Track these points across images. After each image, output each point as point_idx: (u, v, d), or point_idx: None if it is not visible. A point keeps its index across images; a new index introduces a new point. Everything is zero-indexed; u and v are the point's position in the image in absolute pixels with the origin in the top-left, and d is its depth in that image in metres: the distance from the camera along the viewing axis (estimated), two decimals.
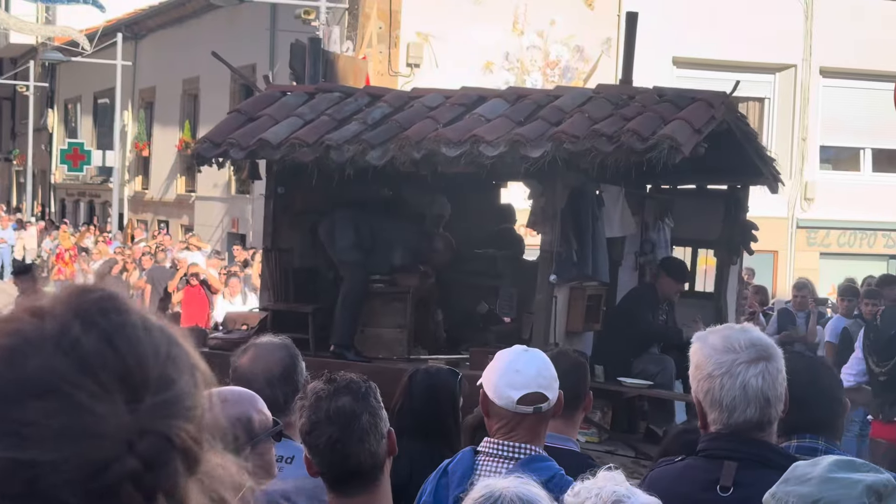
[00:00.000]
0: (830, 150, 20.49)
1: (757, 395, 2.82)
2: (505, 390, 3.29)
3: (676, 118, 8.03)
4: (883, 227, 17.83)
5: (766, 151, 9.43)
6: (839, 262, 18.64)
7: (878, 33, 18.76)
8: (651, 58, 16.77)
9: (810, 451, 3.15)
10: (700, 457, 2.92)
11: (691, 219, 9.70)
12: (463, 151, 8.19)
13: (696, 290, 10.20)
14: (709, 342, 2.89)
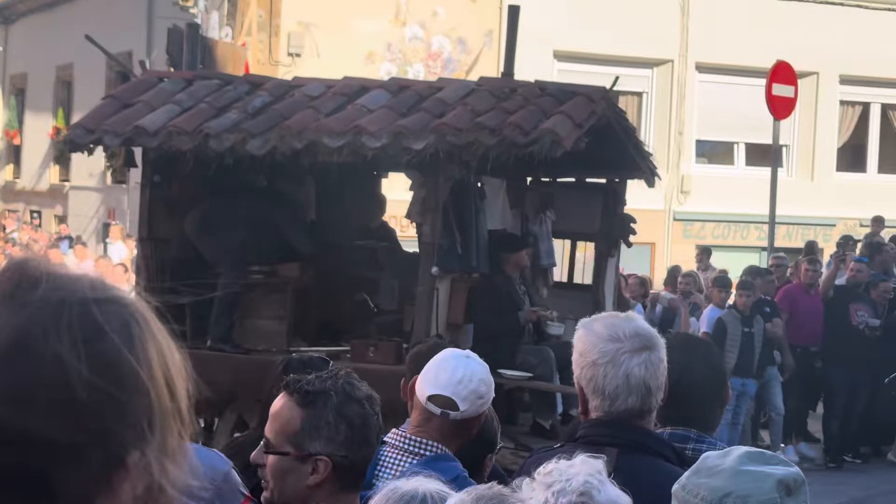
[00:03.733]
0: (706, 144, 20.94)
1: (639, 384, 2.84)
2: (424, 383, 3.29)
3: (558, 112, 8.09)
4: (756, 219, 18.20)
5: (643, 146, 9.57)
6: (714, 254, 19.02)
7: (752, 30, 19.21)
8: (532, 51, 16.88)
9: (682, 438, 3.19)
10: (580, 443, 2.92)
11: (571, 211, 9.80)
12: (345, 142, 8.13)
13: (574, 281, 10.32)
14: (594, 330, 2.90)
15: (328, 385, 2.66)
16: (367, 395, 2.70)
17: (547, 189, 9.91)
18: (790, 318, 11.95)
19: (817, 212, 19.69)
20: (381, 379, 7.42)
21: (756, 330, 11.28)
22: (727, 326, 11.20)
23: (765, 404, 11.88)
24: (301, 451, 2.63)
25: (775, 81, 13.95)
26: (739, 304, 11.32)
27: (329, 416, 2.62)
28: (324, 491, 2.63)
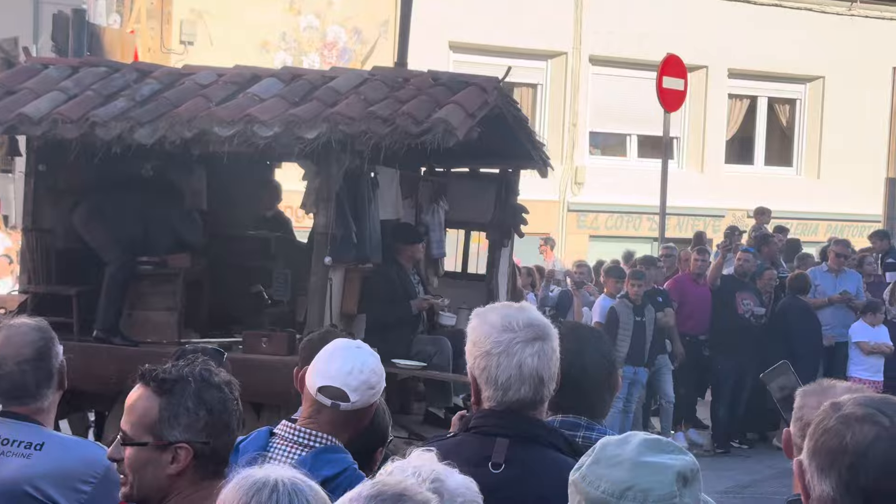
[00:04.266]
0: (599, 136, 21.20)
1: (532, 374, 2.84)
2: (314, 375, 3.25)
3: (451, 102, 8.11)
4: (648, 210, 18.50)
5: (536, 136, 9.65)
6: (607, 244, 19.29)
7: (644, 24, 19.50)
8: (428, 42, 16.90)
9: (573, 426, 3.21)
10: (473, 433, 2.92)
11: (465, 202, 9.83)
12: (236, 131, 8.04)
13: (468, 272, 10.36)
14: (488, 320, 2.89)
15: (185, 372, 2.62)
16: (226, 381, 2.67)
17: (440, 179, 9.93)
18: (680, 307, 12.15)
19: (707, 203, 20.10)
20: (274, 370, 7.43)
21: (647, 319, 11.44)
22: (619, 316, 11.35)
23: (656, 392, 12.07)
24: (160, 440, 2.58)
25: (666, 75, 14.19)
26: (631, 294, 11.48)
27: (188, 402, 2.58)
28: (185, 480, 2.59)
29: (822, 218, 20.99)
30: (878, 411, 2.14)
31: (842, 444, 2.12)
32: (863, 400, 2.18)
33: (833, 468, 2.12)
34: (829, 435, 2.14)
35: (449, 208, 9.96)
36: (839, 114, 21.47)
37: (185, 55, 16.30)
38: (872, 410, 2.14)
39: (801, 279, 12.36)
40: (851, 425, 2.12)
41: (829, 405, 2.21)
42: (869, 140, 20.41)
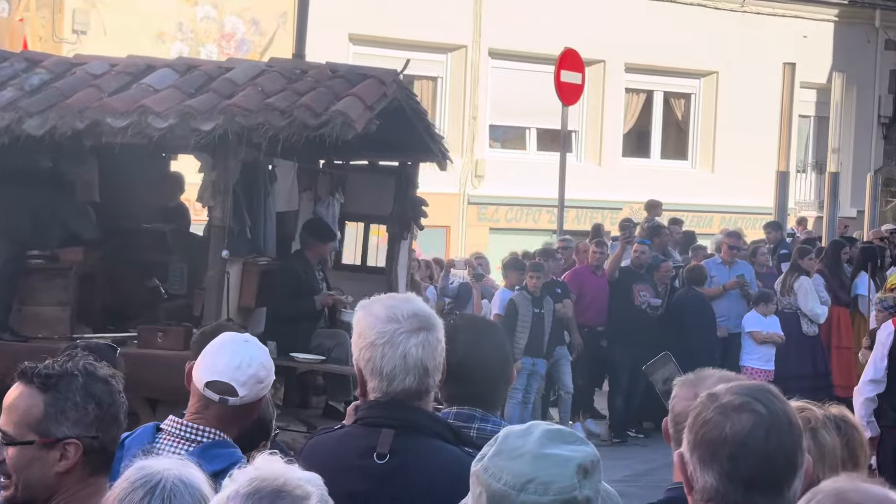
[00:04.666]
0: (499, 129, 21.30)
1: (416, 364, 2.85)
2: (201, 370, 3.21)
3: (349, 94, 8.08)
4: (547, 203, 18.63)
5: (434, 129, 9.67)
6: (507, 237, 19.40)
7: (543, 18, 19.63)
8: (328, 34, 16.79)
9: (468, 417, 3.22)
10: (358, 424, 2.92)
11: (364, 194, 9.82)
12: (130, 122, 7.90)
13: (367, 264, 10.34)
14: (373, 311, 2.90)
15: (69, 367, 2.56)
16: (110, 374, 2.63)
17: (339, 172, 9.89)
18: (578, 298, 12.28)
19: (605, 195, 20.32)
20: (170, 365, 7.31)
21: (546, 311, 11.54)
22: (518, 308, 11.42)
23: (555, 383, 12.19)
24: (47, 438, 2.52)
25: (563, 69, 14.31)
26: (530, 286, 11.56)
27: (76, 396, 2.53)
28: (73, 477, 2.54)
29: (716, 210, 21.39)
30: (753, 399, 2.19)
31: (721, 434, 2.15)
32: (738, 389, 2.22)
33: (715, 459, 2.15)
34: (708, 426, 2.17)
35: (348, 201, 9.93)
36: (733, 108, 21.90)
37: (78, 45, 15.94)
38: (748, 399, 2.18)
39: (697, 271, 12.57)
40: (729, 416, 2.16)
41: (706, 396, 2.25)
42: (761, 134, 20.82)
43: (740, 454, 2.14)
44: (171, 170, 10.13)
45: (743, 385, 2.26)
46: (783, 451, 2.16)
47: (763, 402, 2.18)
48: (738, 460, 2.14)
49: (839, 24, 23.23)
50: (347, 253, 10.39)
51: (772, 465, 2.15)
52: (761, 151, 20.35)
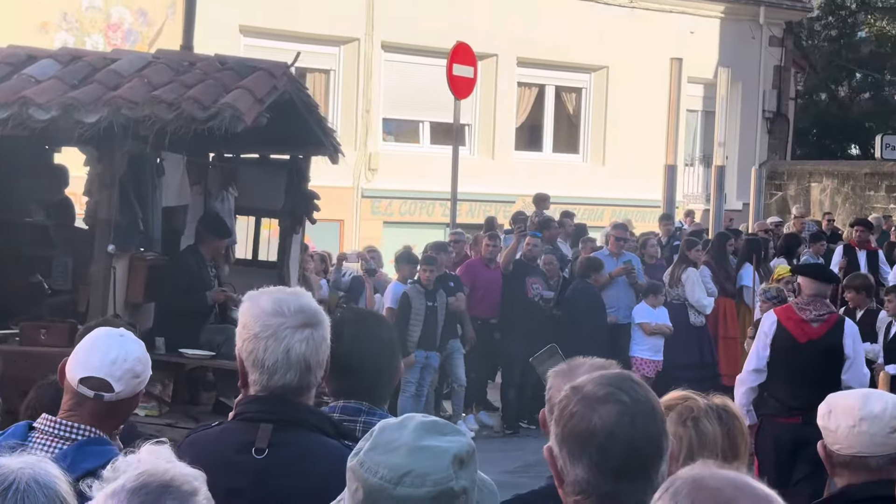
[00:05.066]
0: (392, 122, 21.28)
1: (299, 360, 2.83)
2: (75, 366, 3.14)
3: (238, 87, 7.99)
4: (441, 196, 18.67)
5: (326, 122, 9.61)
6: (401, 231, 19.40)
7: (435, 11, 19.66)
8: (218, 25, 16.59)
9: (354, 411, 3.22)
10: (237, 420, 2.90)
11: (255, 188, 9.72)
12: (10, 114, 7.70)
13: (259, 259, 10.25)
14: (259, 303, 2.88)
15: None
16: None
17: (230, 165, 9.77)
18: (471, 291, 12.34)
19: (498, 189, 20.45)
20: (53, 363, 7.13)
21: (439, 304, 11.57)
22: (411, 301, 11.44)
23: (448, 376, 12.23)
24: None
25: (455, 62, 14.34)
26: (423, 279, 11.58)
27: None
28: None
29: (606, 203, 21.68)
30: (617, 389, 2.21)
31: (589, 427, 2.17)
32: (601, 380, 2.24)
33: (584, 452, 2.17)
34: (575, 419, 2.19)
35: (239, 195, 9.82)
36: (623, 103, 22.21)
37: None
38: (612, 389, 2.21)
39: (590, 262, 12.70)
40: (595, 407, 2.18)
41: (570, 389, 2.26)
42: (650, 128, 21.17)
43: (609, 445, 2.16)
44: (55, 163, 9.90)
45: (605, 375, 2.28)
46: (649, 439, 2.18)
47: (626, 391, 2.20)
48: (607, 451, 2.16)
49: (725, 20, 23.73)
50: (238, 247, 10.28)
51: (639, 453, 2.17)
52: (650, 145, 20.70)
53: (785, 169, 25.21)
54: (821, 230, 16.51)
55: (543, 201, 16.50)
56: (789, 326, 7.54)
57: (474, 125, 21.43)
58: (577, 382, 2.26)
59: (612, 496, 2.17)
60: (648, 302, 12.27)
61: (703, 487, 1.77)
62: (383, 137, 20.91)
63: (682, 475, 1.82)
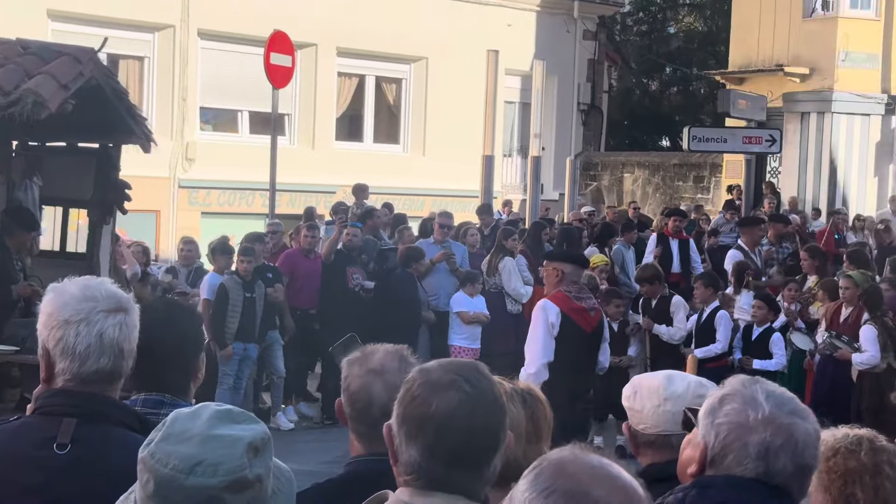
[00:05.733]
0: (210, 111, 20.92)
1: (112, 345, 2.77)
2: None
3: (41, 72, 7.72)
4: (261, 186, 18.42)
5: (137, 110, 9.38)
6: (220, 221, 19.08)
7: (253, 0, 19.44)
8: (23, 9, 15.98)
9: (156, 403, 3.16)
10: (37, 414, 2.80)
11: (62, 177, 9.41)
12: None
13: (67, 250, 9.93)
14: (67, 291, 2.80)
15: None
16: None
17: (34, 153, 9.43)
18: (290, 281, 12.25)
19: (318, 179, 20.36)
20: None
21: (258, 295, 11.44)
22: (229, 292, 11.28)
23: (267, 367, 12.10)
24: None
25: (273, 51, 14.19)
26: (241, 270, 11.43)
27: None
28: None
29: (427, 194, 21.84)
30: (461, 378, 2.24)
31: (428, 412, 2.20)
32: (449, 366, 2.28)
33: (420, 435, 2.20)
34: (416, 402, 2.22)
35: (46, 185, 9.49)
36: (442, 94, 22.41)
37: None
38: (456, 377, 2.24)
39: (409, 252, 12.75)
40: (437, 393, 2.22)
41: (417, 371, 2.29)
42: (469, 119, 21.40)
43: (444, 431, 2.19)
44: None
45: (454, 363, 2.31)
46: (486, 430, 2.22)
47: (470, 381, 2.24)
48: (442, 437, 2.19)
49: (541, 13, 24.21)
50: (45, 238, 9.93)
51: (474, 443, 2.21)
52: (469, 136, 20.94)
53: (599, 160, 25.92)
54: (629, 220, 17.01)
55: (363, 191, 16.51)
56: (574, 317, 7.51)
57: (294, 115, 21.28)
58: (427, 366, 2.29)
59: (442, 481, 2.20)
60: (466, 291, 12.41)
61: (563, 472, 1.81)
62: (201, 127, 20.54)
63: (549, 457, 1.86)
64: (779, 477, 2.46)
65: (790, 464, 2.47)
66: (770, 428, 2.47)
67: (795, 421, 2.49)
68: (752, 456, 2.47)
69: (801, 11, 22.10)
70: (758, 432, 2.47)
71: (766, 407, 2.49)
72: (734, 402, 2.52)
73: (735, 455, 2.48)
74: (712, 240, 16.65)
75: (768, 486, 2.46)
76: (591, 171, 25.77)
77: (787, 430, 2.47)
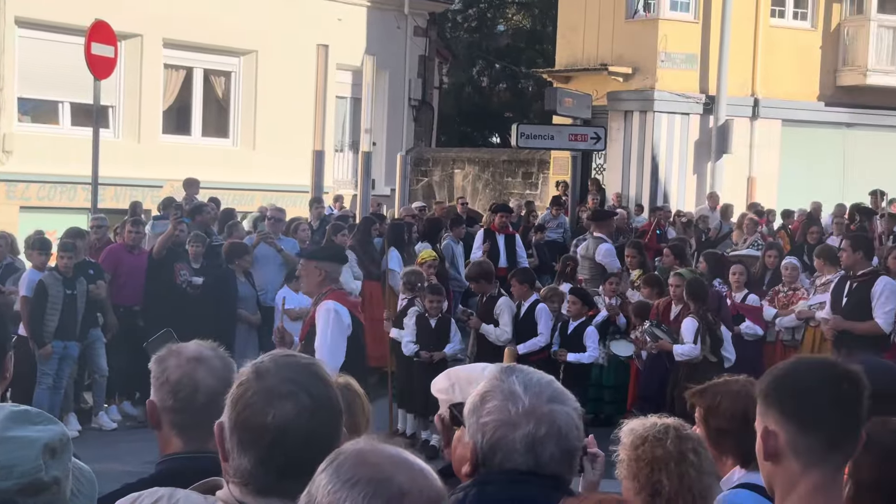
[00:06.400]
0: (29, 102, 20.20)
1: None
2: None
3: None
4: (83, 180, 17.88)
5: None
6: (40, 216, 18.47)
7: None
8: None
9: None
10: None
11: None
12: None
13: None
14: None
15: None
16: None
17: None
18: (113, 278, 11.97)
19: (144, 173, 19.91)
20: None
21: (79, 292, 11.15)
22: (48, 289, 10.96)
23: (88, 366, 11.79)
24: None
25: (94, 41, 13.78)
26: (61, 266, 11.11)
27: None
28: None
29: (258, 188, 21.62)
30: (300, 387, 2.18)
31: (264, 423, 2.16)
32: (287, 373, 2.21)
33: (254, 446, 2.16)
34: (250, 410, 2.17)
35: None
36: (273, 87, 22.20)
37: None
38: (294, 388, 2.19)
39: (233, 247, 12.58)
40: (274, 403, 2.16)
41: (253, 372, 2.22)
42: (300, 114, 21.25)
43: (279, 444, 2.15)
44: None
45: (292, 365, 2.25)
46: (322, 439, 2.20)
47: (308, 390, 2.20)
48: (277, 450, 2.16)
49: (371, 9, 24.24)
50: None
51: (309, 454, 2.16)
52: (300, 130, 20.80)
53: (430, 156, 26.12)
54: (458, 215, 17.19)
55: (193, 186, 16.22)
56: (355, 314, 7.42)
57: (119, 107, 20.75)
58: (263, 367, 2.22)
59: (273, 489, 2.18)
60: (292, 286, 12.32)
61: (364, 462, 1.83)
62: (18, 118, 19.82)
63: (345, 449, 1.87)
64: (549, 466, 2.52)
65: (557, 451, 2.52)
66: (532, 420, 2.51)
67: (555, 408, 2.54)
68: (520, 451, 2.51)
69: (624, 13, 22.73)
70: (521, 426, 2.51)
71: (526, 399, 2.53)
72: (495, 398, 2.55)
73: (504, 452, 2.52)
74: (539, 235, 16.99)
75: (541, 476, 2.51)
76: (423, 167, 25.94)
77: (549, 419, 2.52)
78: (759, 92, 22.90)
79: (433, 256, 12.94)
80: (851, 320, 9.42)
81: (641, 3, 22.73)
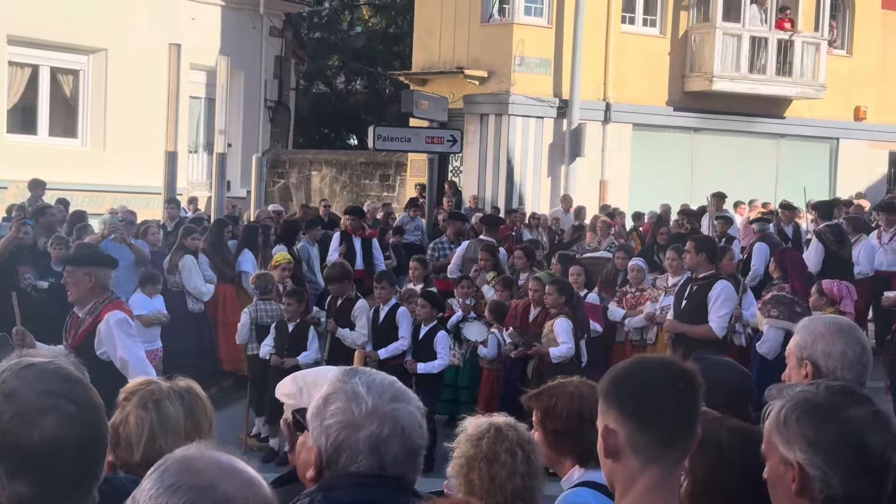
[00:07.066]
0: None
1: None
2: None
3: None
4: None
5: None
6: None
7: None
8: None
9: None
10: None
11: None
12: None
13: None
14: None
15: None
16: None
17: None
18: None
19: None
20: None
21: None
22: None
23: None
24: None
25: None
26: None
27: None
28: None
29: (108, 190, 21.10)
30: (60, 397, 2.06)
31: (31, 444, 2.02)
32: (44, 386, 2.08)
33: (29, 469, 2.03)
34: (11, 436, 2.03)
35: None
36: (124, 87, 21.71)
37: None
38: (55, 400, 2.06)
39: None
40: (36, 421, 2.02)
41: (2, 400, 2.06)
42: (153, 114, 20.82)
43: (55, 460, 2.03)
44: None
45: (41, 377, 2.10)
46: (98, 444, 2.10)
47: (71, 397, 2.08)
48: (54, 466, 2.03)
49: (226, 8, 23.92)
50: None
51: (89, 462, 2.09)
52: (153, 131, 20.40)
53: (287, 157, 25.90)
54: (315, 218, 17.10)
55: (38, 187, 15.74)
56: None
57: None
58: (10, 390, 2.06)
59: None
60: (145, 291, 12.06)
61: (189, 468, 1.81)
62: None
63: (173, 455, 1.85)
64: (392, 466, 2.52)
65: (400, 450, 2.52)
66: (376, 420, 2.51)
67: (397, 406, 2.54)
68: (364, 452, 2.50)
69: (480, 16, 22.95)
70: (365, 427, 2.50)
71: (369, 400, 2.53)
72: (338, 400, 2.54)
73: (348, 453, 2.51)
74: (396, 237, 17.01)
75: (385, 478, 2.51)
76: (279, 169, 25.72)
77: (392, 418, 2.52)
78: (610, 97, 23.40)
79: (287, 259, 12.82)
80: (689, 322, 9.37)
81: (496, 8, 22.97)
